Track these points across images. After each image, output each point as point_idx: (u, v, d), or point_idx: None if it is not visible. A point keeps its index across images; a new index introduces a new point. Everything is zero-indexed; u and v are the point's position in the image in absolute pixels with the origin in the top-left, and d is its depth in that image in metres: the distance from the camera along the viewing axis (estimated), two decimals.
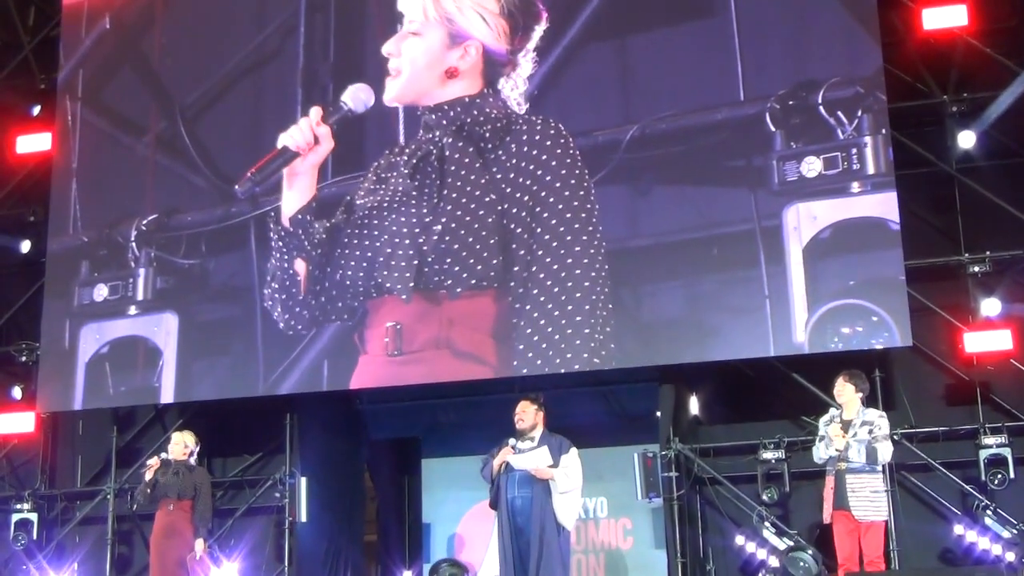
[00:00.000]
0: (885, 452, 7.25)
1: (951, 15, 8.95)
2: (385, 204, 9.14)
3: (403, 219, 9.07)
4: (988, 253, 8.89)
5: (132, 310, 9.78)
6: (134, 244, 9.85)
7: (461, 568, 8.52)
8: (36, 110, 10.85)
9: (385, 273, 9.02)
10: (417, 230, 9.01)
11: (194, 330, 9.59)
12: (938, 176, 9.18)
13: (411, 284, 8.94)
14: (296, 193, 9.28)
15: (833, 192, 8.49)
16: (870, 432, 7.25)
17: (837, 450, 7.21)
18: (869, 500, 7.19)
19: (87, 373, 9.77)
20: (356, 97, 9.23)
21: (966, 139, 9.00)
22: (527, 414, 7.61)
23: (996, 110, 8.93)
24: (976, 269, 8.90)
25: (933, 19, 8.97)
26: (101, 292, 9.87)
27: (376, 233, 9.12)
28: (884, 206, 8.38)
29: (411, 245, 9.00)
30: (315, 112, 9.23)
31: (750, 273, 8.54)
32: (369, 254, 9.12)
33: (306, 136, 9.15)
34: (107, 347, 9.77)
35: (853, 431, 7.26)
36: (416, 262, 8.97)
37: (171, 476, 8.10)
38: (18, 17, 11.24)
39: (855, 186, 8.47)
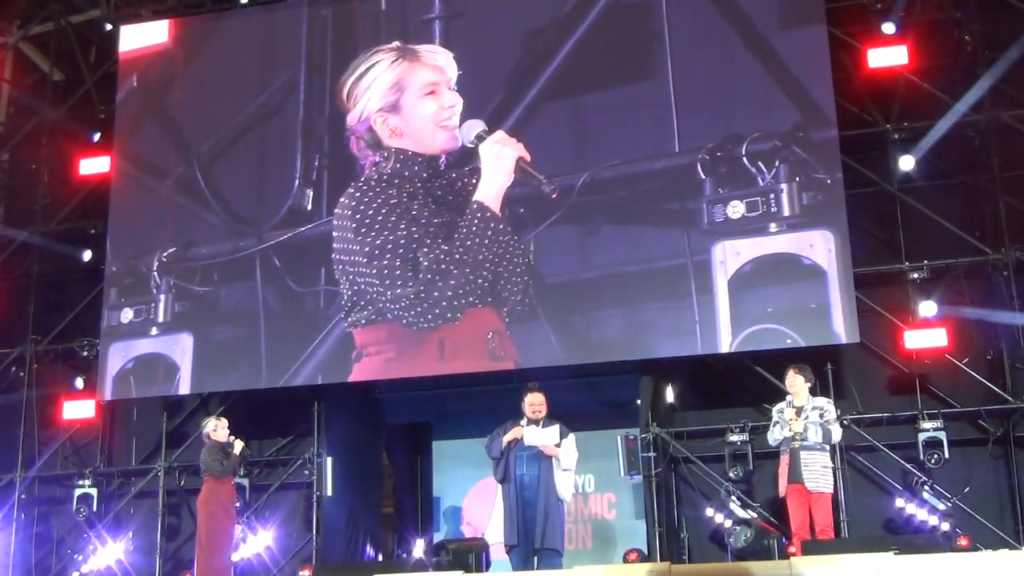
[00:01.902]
0: (837, 432, 7.55)
1: (893, 55, 9.11)
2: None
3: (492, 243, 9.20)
4: (926, 262, 9.01)
5: (153, 331, 9.86)
6: (156, 273, 9.93)
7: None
8: (96, 136, 10.90)
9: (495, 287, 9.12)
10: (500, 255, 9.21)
11: (207, 348, 9.70)
12: (882, 195, 9.30)
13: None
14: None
15: (754, 231, 8.68)
16: (821, 416, 7.47)
17: (796, 432, 7.39)
18: (820, 474, 7.43)
19: (114, 386, 9.88)
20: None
21: (906, 162, 9.11)
22: (544, 405, 7.81)
23: (932, 137, 9.02)
24: (915, 276, 9.02)
25: (877, 58, 9.13)
26: (127, 315, 9.94)
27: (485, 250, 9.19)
28: (798, 244, 8.58)
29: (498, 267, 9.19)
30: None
31: (683, 302, 8.74)
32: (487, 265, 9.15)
33: None
34: (132, 363, 9.85)
35: (805, 415, 7.47)
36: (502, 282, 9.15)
37: (236, 456, 8.20)
38: (81, 56, 11.39)
39: (772, 226, 8.66)
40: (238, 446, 8.12)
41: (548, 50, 9.44)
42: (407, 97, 9.55)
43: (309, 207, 9.70)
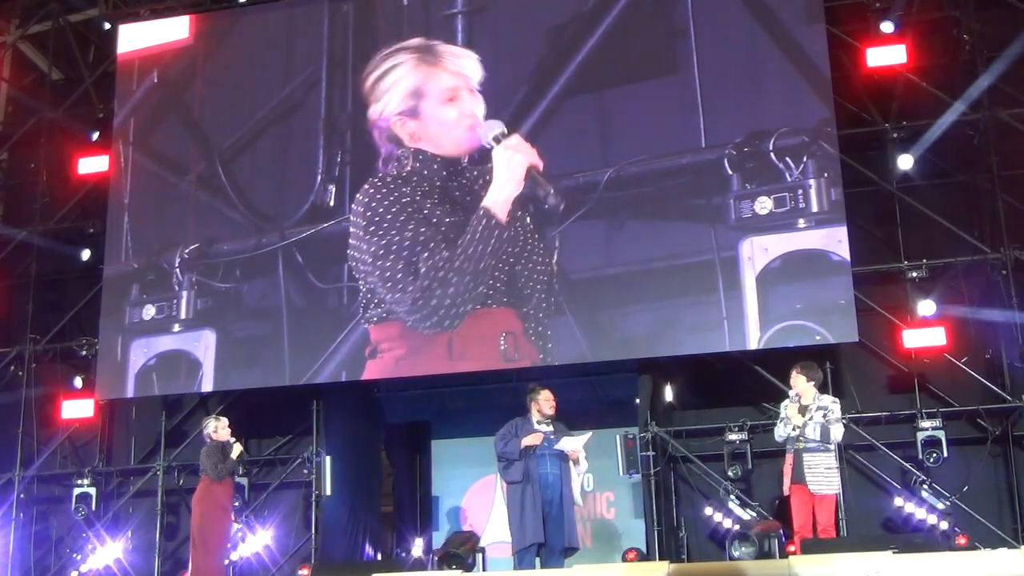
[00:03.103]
0: (837, 432, 7.46)
1: (892, 54, 9.11)
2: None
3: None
4: (924, 260, 9.00)
5: (176, 327, 9.84)
6: (178, 270, 9.90)
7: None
8: (95, 136, 10.89)
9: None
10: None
11: (229, 345, 9.69)
12: (881, 193, 9.29)
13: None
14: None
15: (782, 227, 8.65)
16: (824, 416, 7.43)
17: (796, 426, 7.39)
18: (823, 476, 7.38)
19: (136, 383, 9.82)
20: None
21: (905, 161, 9.12)
22: (554, 402, 7.81)
23: (931, 136, 9.03)
24: (914, 274, 9.01)
25: (876, 57, 9.13)
26: (149, 312, 9.91)
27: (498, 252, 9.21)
28: (827, 239, 8.54)
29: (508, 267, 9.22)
30: None
31: (710, 297, 8.71)
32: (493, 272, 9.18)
33: None
34: (154, 359, 9.82)
35: (810, 415, 7.44)
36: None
37: (232, 460, 8.17)
38: (79, 55, 11.37)
39: (801, 222, 8.62)
40: (236, 450, 8.07)
41: (572, 45, 9.37)
42: (427, 104, 9.50)
43: (332, 203, 9.66)
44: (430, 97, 9.50)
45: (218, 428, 8.16)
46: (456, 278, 9.03)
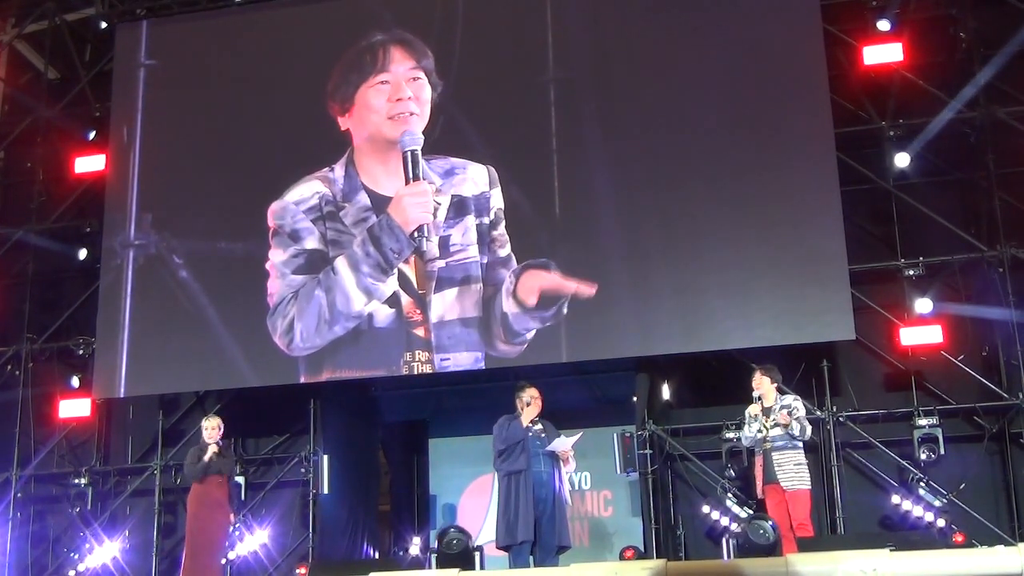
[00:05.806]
0: (807, 427, 7.50)
1: (889, 52, 9.13)
2: None
3: None
4: (921, 258, 9.01)
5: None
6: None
7: (465, 534, 8.50)
8: (91, 135, 10.88)
9: None
10: None
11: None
12: (877, 192, 9.28)
13: None
14: None
15: None
16: (789, 414, 7.43)
17: (764, 427, 7.41)
18: (794, 471, 7.44)
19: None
20: None
21: (902, 159, 9.12)
22: (541, 400, 7.79)
23: (928, 134, 9.05)
24: (911, 272, 9.02)
25: (873, 55, 9.14)
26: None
27: None
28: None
29: None
30: None
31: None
32: None
33: None
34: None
35: (773, 415, 7.47)
36: None
37: (222, 456, 8.13)
38: (76, 54, 11.33)
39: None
40: (208, 451, 8.04)
41: None
42: None
43: None
44: None
45: (206, 428, 8.20)
46: None
